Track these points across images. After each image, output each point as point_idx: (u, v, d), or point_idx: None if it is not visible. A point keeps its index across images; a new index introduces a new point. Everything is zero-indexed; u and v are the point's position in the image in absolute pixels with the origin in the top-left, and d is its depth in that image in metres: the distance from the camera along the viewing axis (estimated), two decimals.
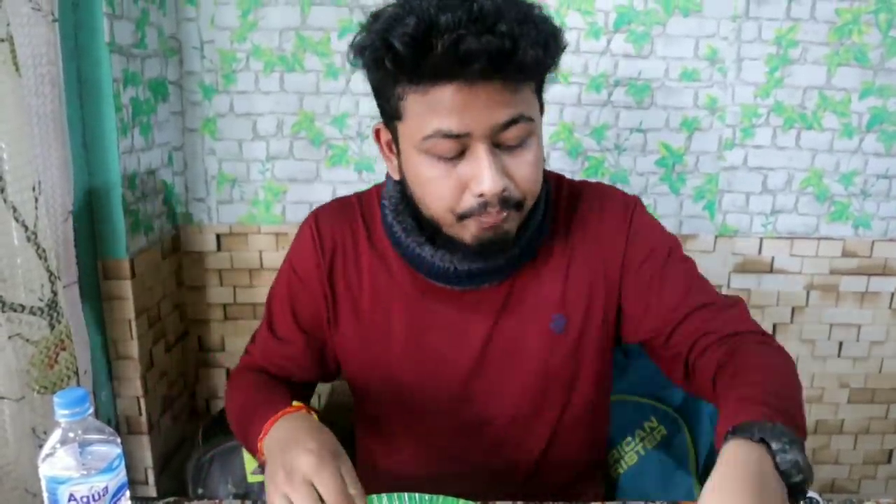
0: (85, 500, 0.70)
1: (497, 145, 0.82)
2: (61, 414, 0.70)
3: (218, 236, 1.81)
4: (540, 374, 0.97)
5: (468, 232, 0.85)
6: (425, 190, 0.85)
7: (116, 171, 1.43)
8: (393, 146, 0.89)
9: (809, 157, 1.80)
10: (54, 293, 1.08)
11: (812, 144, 1.79)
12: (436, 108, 0.79)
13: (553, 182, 0.99)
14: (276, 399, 0.89)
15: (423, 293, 0.96)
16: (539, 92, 0.86)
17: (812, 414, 1.98)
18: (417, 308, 0.96)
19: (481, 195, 0.81)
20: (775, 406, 0.71)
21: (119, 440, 0.75)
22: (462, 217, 0.84)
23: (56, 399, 0.70)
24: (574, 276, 0.95)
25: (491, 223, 0.84)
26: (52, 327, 1.08)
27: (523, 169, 0.84)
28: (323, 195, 1.75)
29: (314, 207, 1.04)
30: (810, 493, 0.83)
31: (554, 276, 0.95)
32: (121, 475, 0.74)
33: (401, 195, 0.92)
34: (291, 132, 1.77)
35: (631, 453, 1.36)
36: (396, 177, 0.91)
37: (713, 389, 0.85)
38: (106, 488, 0.72)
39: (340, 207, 1.02)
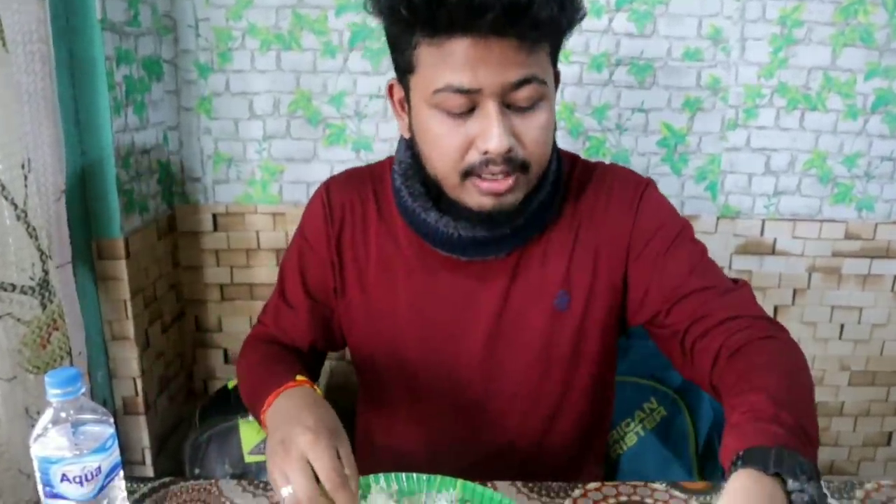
0: (78, 480, 0.70)
1: (507, 106, 0.81)
2: (53, 394, 0.70)
3: (214, 216, 1.80)
4: (543, 352, 0.97)
5: (471, 197, 0.85)
6: (432, 146, 0.85)
7: (110, 149, 1.41)
8: (405, 104, 0.89)
9: (813, 139, 1.79)
10: (46, 272, 1.07)
11: (816, 126, 1.78)
12: (448, 62, 0.78)
13: (567, 160, 0.98)
14: (280, 372, 0.87)
15: (430, 264, 0.95)
16: (554, 58, 0.85)
17: None
18: (423, 280, 0.96)
19: (486, 152, 0.81)
20: (789, 424, 0.66)
21: (112, 420, 0.75)
22: (465, 175, 0.84)
23: (47, 378, 0.70)
24: (579, 253, 0.95)
25: (493, 189, 0.83)
26: (44, 307, 1.07)
27: (532, 131, 0.83)
28: (320, 175, 1.74)
29: (311, 187, 1.03)
30: None
31: (560, 253, 0.95)
32: (114, 455, 0.74)
33: (411, 160, 0.92)
34: (288, 111, 1.75)
35: (631, 434, 1.36)
36: (407, 135, 0.91)
37: (711, 381, 0.84)
38: (99, 468, 0.71)
39: (352, 177, 1.02)
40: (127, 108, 1.49)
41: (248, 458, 1.46)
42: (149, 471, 1.59)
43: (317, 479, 0.70)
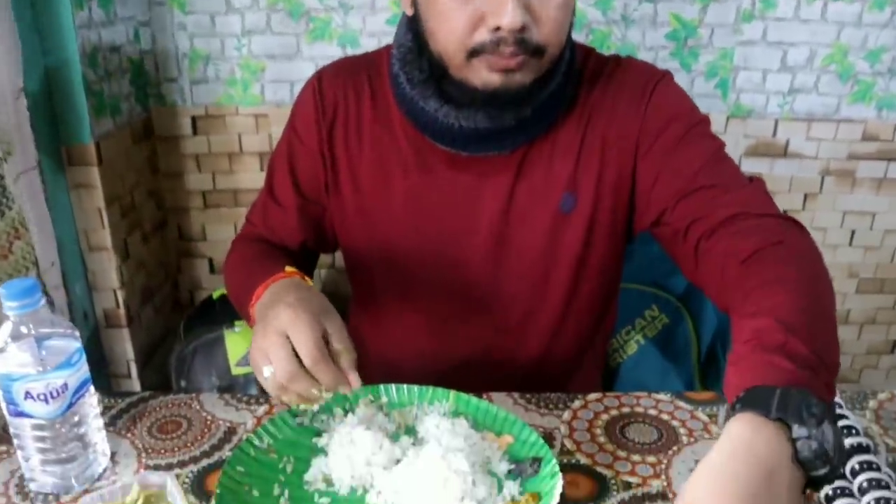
0: (42, 397, 0.66)
1: None
2: (9, 306, 0.65)
3: (193, 119, 1.72)
4: (547, 255, 0.93)
5: (477, 75, 0.78)
6: (438, 21, 0.78)
7: (73, 47, 1.32)
8: None
9: (835, 32, 1.68)
10: (1, 177, 1.00)
11: (839, 17, 1.67)
12: None
13: (581, 51, 0.91)
14: (269, 266, 0.84)
15: (428, 160, 0.90)
16: None
17: None
18: (421, 177, 0.91)
19: (497, 28, 0.74)
20: (800, 353, 0.58)
21: (78, 333, 0.71)
22: (473, 54, 0.77)
23: (2, 290, 0.65)
24: (587, 153, 0.89)
25: (503, 65, 0.77)
26: (2, 214, 1.01)
27: (549, 10, 0.76)
28: (304, 73, 1.64)
29: (295, 86, 0.96)
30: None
31: (566, 153, 0.89)
32: (82, 371, 0.70)
33: (412, 42, 0.85)
34: (268, 4, 1.64)
35: (631, 343, 1.34)
36: (409, 11, 0.84)
37: (718, 294, 0.77)
38: (65, 385, 0.68)
39: (346, 66, 0.96)
40: (90, 1, 1.38)
41: (235, 371, 1.44)
42: (135, 384, 1.58)
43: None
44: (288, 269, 0.81)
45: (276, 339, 0.68)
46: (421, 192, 0.91)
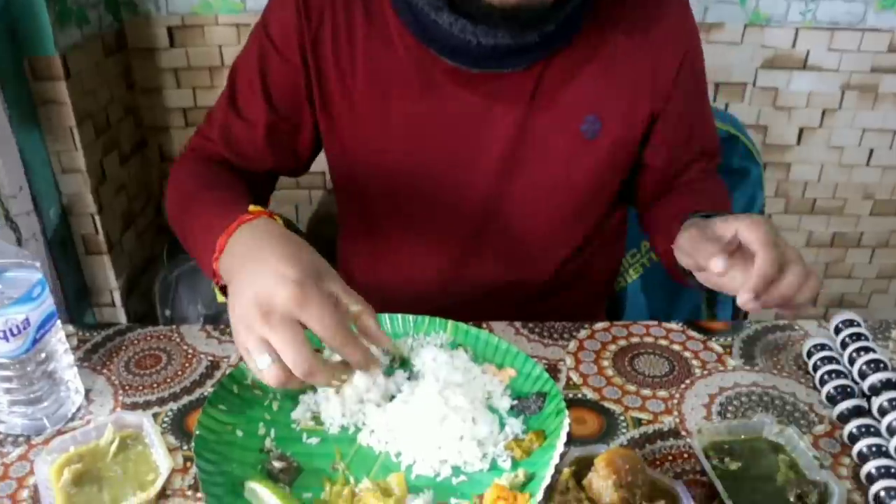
0: (2, 334, 0.62)
1: None
2: None
3: (170, 30, 1.62)
4: (563, 184, 0.87)
5: None
6: None
7: None
8: None
9: None
10: None
11: None
12: None
13: None
14: (227, 202, 0.73)
15: (432, 76, 0.82)
16: None
17: (830, 226, 1.92)
18: (424, 95, 0.83)
19: None
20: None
21: (38, 265, 0.65)
22: None
23: None
24: (617, 74, 0.83)
25: None
26: None
27: None
28: None
29: None
30: (850, 315, 0.75)
31: (592, 71, 0.82)
32: (45, 304, 0.65)
33: None
34: None
35: (636, 266, 1.30)
36: None
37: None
38: (27, 320, 0.63)
39: None
40: None
41: (222, 299, 1.39)
42: (120, 314, 1.55)
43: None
44: (252, 207, 0.68)
45: (285, 327, 0.57)
46: (423, 112, 0.83)
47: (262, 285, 0.58)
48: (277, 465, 0.60)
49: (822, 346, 0.74)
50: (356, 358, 0.61)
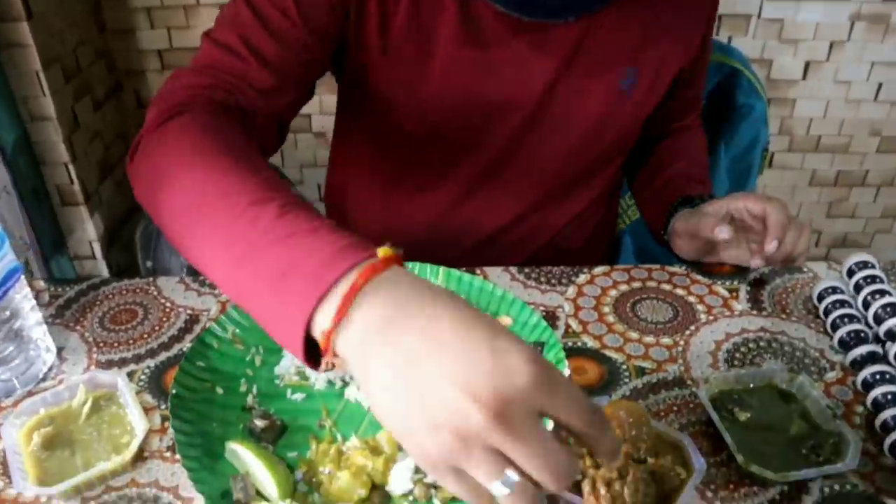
0: None
1: None
2: None
3: None
4: (592, 136, 0.87)
5: None
6: None
7: None
8: None
9: None
10: None
11: None
12: None
13: None
14: (322, 230, 0.47)
15: (480, 21, 0.79)
16: None
17: (835, 164, 1.88)
18: (470, 38, 0.79)
19: None
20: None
21: None
22: None
23: None
24: (656, 30, 0.83)
25: None
26: None
27: None
28: None
29: None
30: (864, 257, 0.73)
31: (634, 27, 0.82)
32: (6, 259, 0.62)
33: None
34: None
35: (634, 207, 1.27)
36: None
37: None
38: None
39: None
40: None
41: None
42: (101, 266, 1.51)
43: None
44: (382, 250, 0.45)
45: (532, 427, 0.38)
46: (466, 56, 0.80)
47: (477, 372, 0.38)
48: (260, 423, 0.58)
49: (834, 290, 0.71)
50: (612, 447, 0.42)
